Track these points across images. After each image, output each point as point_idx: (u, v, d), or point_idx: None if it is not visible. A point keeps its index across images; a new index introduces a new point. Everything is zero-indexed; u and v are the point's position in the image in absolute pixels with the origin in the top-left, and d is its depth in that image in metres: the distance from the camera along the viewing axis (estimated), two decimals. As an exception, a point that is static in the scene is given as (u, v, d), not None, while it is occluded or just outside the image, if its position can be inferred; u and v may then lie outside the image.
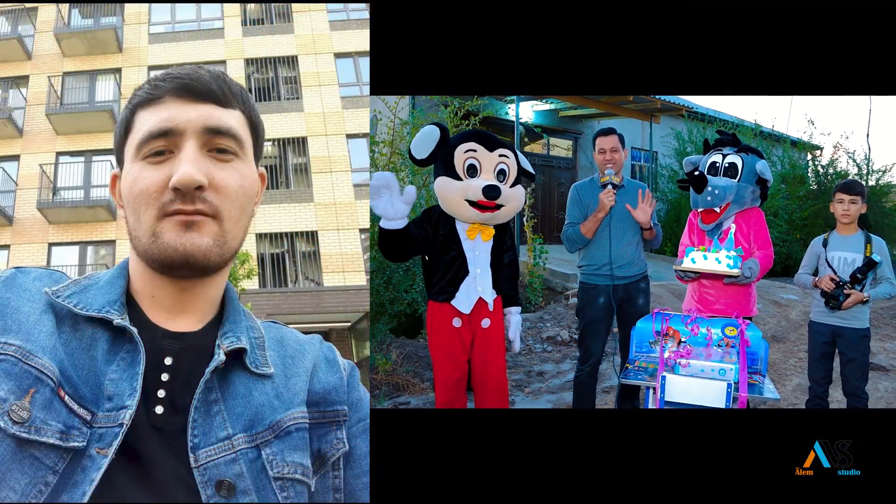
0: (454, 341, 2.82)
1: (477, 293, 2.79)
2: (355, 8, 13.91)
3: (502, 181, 2.74)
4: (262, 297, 11.13)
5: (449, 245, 2.80)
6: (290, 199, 12.33)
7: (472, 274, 2.79)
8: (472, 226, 2.79)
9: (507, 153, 2.78)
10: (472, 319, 2.82)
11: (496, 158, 2.75)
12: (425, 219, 2.87)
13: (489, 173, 2.73)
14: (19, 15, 13.40)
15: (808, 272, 3.26)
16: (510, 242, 2.96)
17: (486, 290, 2.81)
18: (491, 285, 2.82)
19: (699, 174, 3.00)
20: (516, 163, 2.83)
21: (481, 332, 2.83)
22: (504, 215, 2.79)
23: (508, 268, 2.93)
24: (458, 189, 2.70)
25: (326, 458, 0.94)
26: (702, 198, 3.00)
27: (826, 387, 3.24)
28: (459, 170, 2.73)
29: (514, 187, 2.79)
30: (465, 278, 2.79)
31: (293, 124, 12.88)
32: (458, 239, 2.80)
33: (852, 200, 3.13)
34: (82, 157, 12.51)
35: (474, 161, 2.74)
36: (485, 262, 2.81)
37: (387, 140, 5.76)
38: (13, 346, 0.80)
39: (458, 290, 2.79)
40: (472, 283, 2.79)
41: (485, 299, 2.81)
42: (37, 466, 0.75)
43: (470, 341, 2.83)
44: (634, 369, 2.57)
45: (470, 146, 2.75)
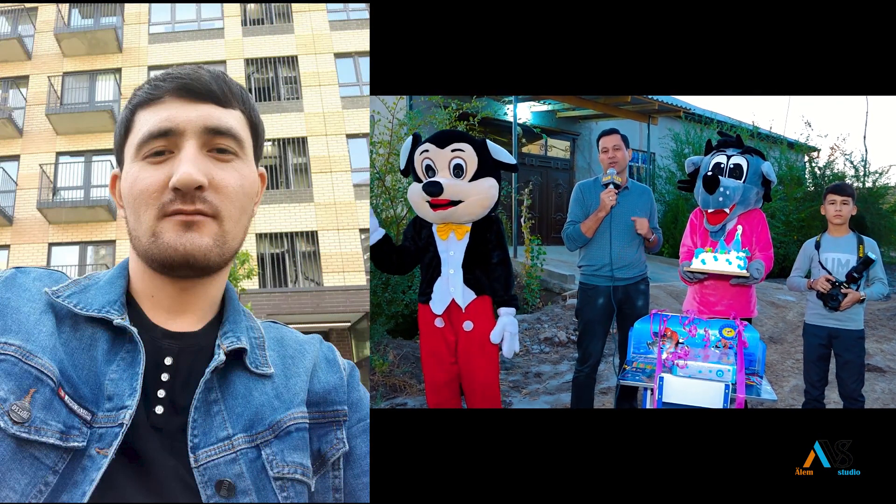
0: (438, 342, 2.82)
1: (449, 294, 2.77)
2: (355, 8, 13.92)
3: (460, 176, 2.71)
4: (262, 297, 11.12)
5: (428, 247, 2.84)
6: (290, 199, 12.33)
7: (445, 274, 2.78)
8: (441, 226, 2.80)
9: (461, 147, 2.72)
10: (454, 322, 2.80)
11: (448, 154, 2.72)
12: (412, 226, 2.91)
13: (445, 171, 2.72)
14: (19, 15, 13.39)
15: (800, 275, 3.26)
16: (496, 241, 2.85)
17: (458, 291, 2.76)
18: (462, 286, 2.77)
19: (711, 175, 2.99)
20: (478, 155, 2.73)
21: (464, 336, 2.79)
22: (467, 211, 2.72)
23: (499, 267, 2.84)
24: (416, 191, 2.77)
25: (326, 458, 0.94)
26: (713, 198, 2.99)
27: (822, 389, 3.24)
28: (419, 172, 2.80)
29: (476, 180, 2.72)
30: (437, 279, 2.80)
31: (293, 124, 12.88)
32: (435, 241, 2.82)
33: (843, 202, 3.14)
34: (82, 157, 12.50)
35: (429, 160, 2.77)
36: (458, 263, 2.77)
37: (384, 141, 5.76)
38: (13, 346, 0.80)
39: (433, 290, 2.80)
40: (445, 283, 2.77)
41: (456, 300, 2.77)
42: (37, 466, 0.76)
43: (454, 343, 2.81)
44: (632, 370, 2.57)
45: (424, 147, 2.80)
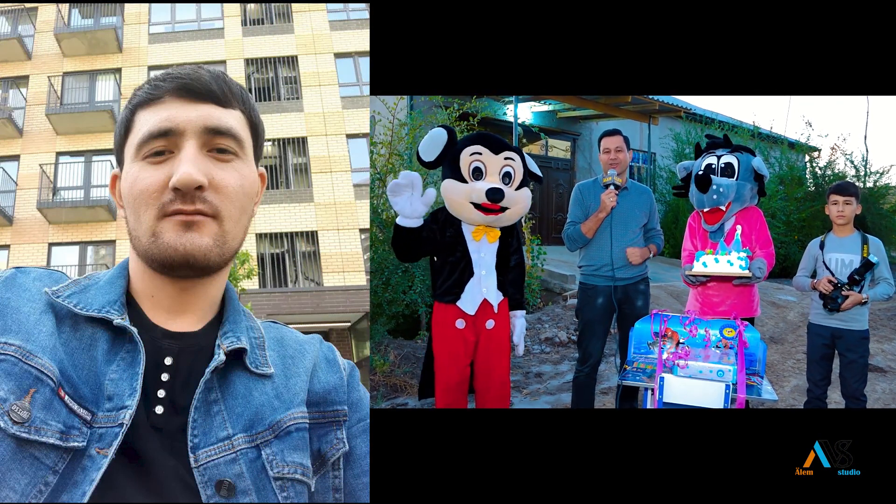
0: (457, 343, 2.83)
1: (482, 295, 2.80)
2: (355, 8, 13.92)
3: (507, 184, 2.75)
4: (262, 297, 11.13)
5: (454, 247, 2.81)
6: (290, 199, 12.34)
7: (478, 275, 2.80)
8: (478, 228, 2.80)
9: (512, 156, 2.79)
10: (477, 321, 2.82)
11: (501, 161, 2.76)
12: (433, 220, 2.89)
13: (494, 176, 2.74)
14: (19, 15, 13.40)
15: (806, 275, 3.26)
16: (517, 245, 2.96)
17: (491, 292, 2.81)
18: (496, 287, 2.83)
19: (703, 174, 3.00)
20: (522, 165, 2.83)
21: (485, 334, 2.83)
22: (509, 218, 2.79)
23: (515, 270, 2.94)
24: (463, 192, 2.72)
25: (326, 458, 0.94)
26: (707, 197, 3.00)
27: (825, 388, 3.24)
28: (465, 172, 2.75)
29: (519, 189, 2.80)
30: (469, 279, 2.80)
31: (293, 124, 12.88)
32: (464, 240, 2.81)
33: (846, 202, 3.14)
34: (82, 157, 12.51)
35: (479, 164, 2.75)
36: (490, 264, 2.81)
37: (385, 141, 5.76)
38: (13, 346, 0.80)
39: (464, 291, 2.80)
40: (477, 284, 2.79)
41: (489, 301, 2.81)
42: (37, 466, 0.75)
43: (473, 343, 2.84)
44: (633, 370, 2.57)
45: (475, 149, 2.76)
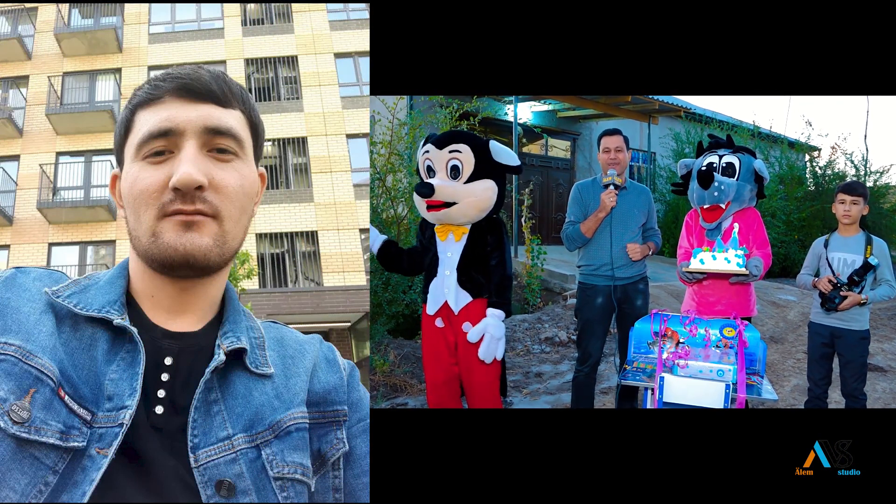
0: (438, 342, 2.84)
1: (443, 295, 2.78)
2: (355, 8, 13.92)
3: (456, 177, 2.72)
4: (262, 297, 11.13)
5: (430, 248, 2.87)
6: (290, 199, 12.34)
7: (440, 276, 2.80)
8: (440, 227, 2.82)
9: (459, 148, 2.72)
10: (454, 323, 2.80)
11: (446, 155, 2.74)
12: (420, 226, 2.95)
13: (442, 171, 2.74)
14: (19, 15, 13.39)
15: (809, 273, 3.26)
16: (495, 243, 2.80)
17: (451, 293, 2.76)
18: (456, 287, 2.76)
19: (706, 169, 3.00)
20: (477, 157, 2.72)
21: (463, 337, 2.77)
22: (463, 213, 2.72)
23: (496, 269, 2.79)
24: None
25: (326, 458, 0.94)
26: (709, 193, 3.00)
27: (825, 388, 3.24)
28: (422, 172, 2.84)
29: (474, 182, 2.72)
30: (433, 280, 2.82)
31: (293, 124, 12.88)
32: (436, 242, 2.84)
33: (854, 201, 3.13)
34: (82, 157, 12.50)
35: (429, 161, 2.79)
36: (454, 264, 2.78)
37: (385, 141, 5.76)
38: (13, 346, 0.80)
39: (429, 291, 2.83)
40: (440, 285, 2.79)
41: (449, 303, 2.77)
42: (37, 466, 0.75)
43: (454, 343, 2.82)
44: (633, 370, 2.57)
45: (426, 148, 2.83)
